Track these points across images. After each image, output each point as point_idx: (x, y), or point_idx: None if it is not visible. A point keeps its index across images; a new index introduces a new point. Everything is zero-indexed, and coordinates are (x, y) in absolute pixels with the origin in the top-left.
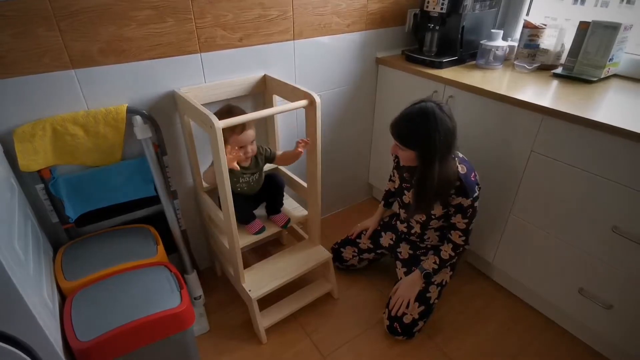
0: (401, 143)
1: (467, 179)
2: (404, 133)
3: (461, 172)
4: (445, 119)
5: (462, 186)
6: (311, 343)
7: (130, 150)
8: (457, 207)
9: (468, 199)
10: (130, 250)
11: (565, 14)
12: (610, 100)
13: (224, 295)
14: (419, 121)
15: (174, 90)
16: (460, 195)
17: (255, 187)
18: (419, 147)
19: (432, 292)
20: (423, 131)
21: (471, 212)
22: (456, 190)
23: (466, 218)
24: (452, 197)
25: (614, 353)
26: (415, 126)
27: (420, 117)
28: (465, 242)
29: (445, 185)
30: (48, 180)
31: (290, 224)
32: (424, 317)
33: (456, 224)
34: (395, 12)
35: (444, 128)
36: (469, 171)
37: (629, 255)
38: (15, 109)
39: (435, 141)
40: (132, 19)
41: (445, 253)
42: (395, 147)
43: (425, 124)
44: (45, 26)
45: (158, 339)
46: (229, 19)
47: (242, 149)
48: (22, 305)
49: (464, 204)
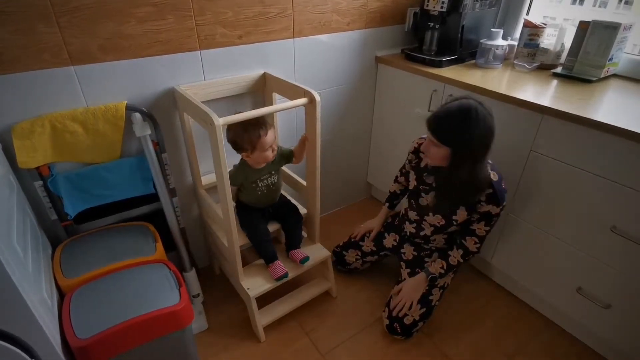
0: (437, 138)
1: (499, 186)
2: (442, 128)
3: (494, 179)
4: (487, 116)
5: (494, 194)
6: (309, 341)
7: (130, 147)
8: (483, 215)
9: (498, 207)
10: (129, 248)
11: (564, 13)
12: (610, 100)
13: (223, 293)
14: (459, 116)
15: (173, 87)
16: (491, 203)
17: (275, 193)
18: (455, 144)
19: (435, 294)
20: (463, 127)
21: (495, 220)
22: (487, 198)
23: (489, 226)
24: (481, 204)
25: (612, 352)
26: (455, 121)
27: (460, 113)
28: (478, 250)
29: (474, 190)
30: (47, 177)
31: (309, 261)
32: (424, 319)
33: (476, 230)
34: (395, 10)
35: (485, 126)
36: (500, 178)
37: (627, 255)
38: (14, 106)
39: (473, 139)
40: (132, 16)
41: (454, 259)
42: (429, 144)
43: (466, 120)
44: (44, 22)
45: (157, 337)
46: (229, 16)
47: (270, 149)
48: (20, 303)
49: (492, 212)
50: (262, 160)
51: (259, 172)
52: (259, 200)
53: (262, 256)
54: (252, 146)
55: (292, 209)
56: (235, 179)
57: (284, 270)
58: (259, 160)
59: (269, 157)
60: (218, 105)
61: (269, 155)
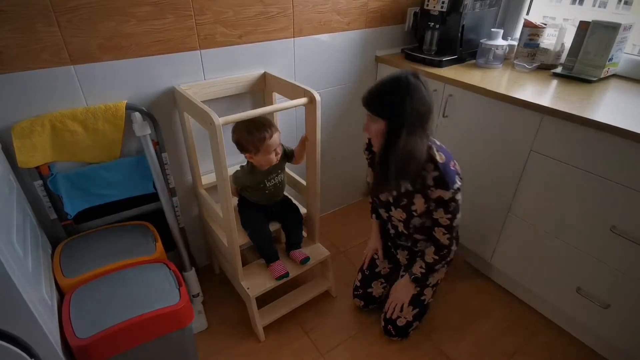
0: (371, 111)
1: (446, 167)
2: (374, 100)
3: (439, 160)
4: (420, 86)
5: (441, 176)
6: (309, 341)
7: (129, 147)
8: (437, 201)
9: (448, 190)
10: (129, 247)
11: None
12: (610, 100)
13: (223, 293)
14: (390, 87)
15: (173, 87)
16: (439, 187)
17: (281, 191)
18: (388, 115)
19: (427, 293)
20: (394, 97)
21: (454, 206)
22: (435, 182)
23: (449, 213)
24: (430, 189)
25: (611, 352)
26: (386, 92)
27: (392, 84)
28: (450, 242)
29: (412, 162)
30: (47, 176)
31: (309, 261)
32: (418, 318)
33: (439, 219)
34: (395, 10)
35: (417, 96)
36: (448, 160)
37: (627, 255)
38: (13, 105)
39: (405, 107)
40: (132, 15)
41: (429, 256)
42: (368, 122)
43: (396, 89)
44: (44, 21)
45: (156, 337)
46: (229, 16)
47: (274, 152)
48: (20, 303)
49: (444, 196)
50: (266, 163)
51: (268, 173)
52: (266, 198)
53: (264, 256)
54: (256, 148)
55: (293, 208)
56: (242, 181)
57: (285, 269)
58: (262, 162)
59: (272, 161)
60: (218, 105)
61: (273, 159)
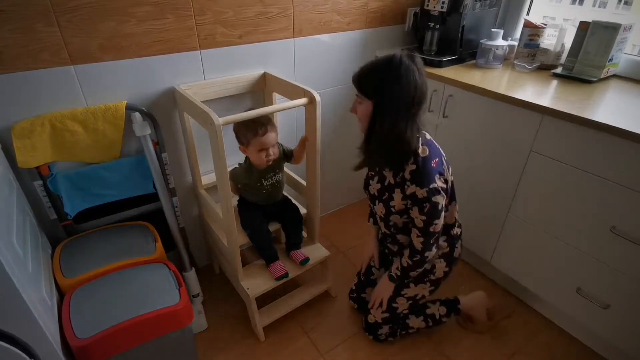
0: (359, 90)
1: (425, 162)
2: (364, 78)
3: (421, 154)
4: (413, 68)
5: (418, 171)
6: (309, 341)
7: (129, 147)
8: (412, 198)
9: (422, 188)
10: (129, 247)
11: (564, 14)
12: (610, 100)
13: (222, 293)
14: (381, 67)
15: (173, 87)
16: (414, 182)
17: (280, 190)
18: (376, 95)
19: (400, 303)
20: (384, 76)
21: (428, 207)
22: (411, 176)
23: (423, 214)
24: (407, 184)
25: (611, 352)
26: (376, 71)
27: (383, 63)
28: (424, 248)
29: (395, 148)
30: (46, 176)
31: (309, 262)
32: (388, 324)
33: (414, 219)
34: (395, 10)
35: (409, 77)
36: (431, 155)
37: (627, 255)
38: (13, 105)
39: (394, 88)
40: (132, 15)
41: (404, 259)
42: (355, 103)
43: (387, 69)
44: (44, 21)
45: (156, 337)
46: (229, 16)
47: (264, 152)
48: (20, 303)
49: (417, 194)
50: (256, 161)
51: (264, 172)
52: (264, 198)
53: (263, 256)
54: (247, 141)
55: (293, 208)
56: (239, 178)
57: (285, 270)
58: (253, 159)
59: (262, 160)
60: (218, 105)
61: (262, 159)
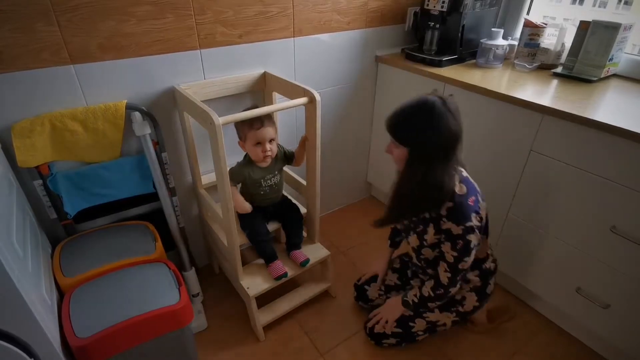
0: (393, 137)
1: (462, 201)
2: (397, 126)
3: (458, 192)
4: (447, 116)
5: (455, 208)
6: (309, 341)
7: (129, 146)
8: (446, 234)
9: (458, 225)
10: (129, 247)
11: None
12: (610, 100)
13: (222, 292)
14: (414, 113)
15: (173, 86)
16: (450, 219)
17: (278, 193)
18: (410, 144)
19: (418, 324)
20: (417, 125)
21: (461, 245)
22: (447, 212)
23: (455, 250)
24: (443, 220)
25: (611, 352)
26: (409, 119)
27: (416, 109)
28: (450, 283)
29: (429, 198)
30: (46, 176)
31: (309, 263)
32: (397, 337)
33: (445, 254)
34: (395, 10)
35: (443, 125)
36: (469, 193)
37: (627, 255)
38: (13, 105)
39: (428, 138)
40: (132, 15)
41: (426, 289)
42: (391, 145)
43: (420, 117)
44: (44, 21)
45: (156, 336)
46: (229, 15)
47: (260, 146)
48: (20, 302)
49: (453, 231)
50: (253, 156)
51: (263, 172)
52: (262, 200)
53: (262, 256)
54: (244, 135)
55: (293, 208)
56: (237, 176)
57: (284, 269)
58: (251, 154)
59: (258, 155)
60: (218, 105)
61: (258, 153)
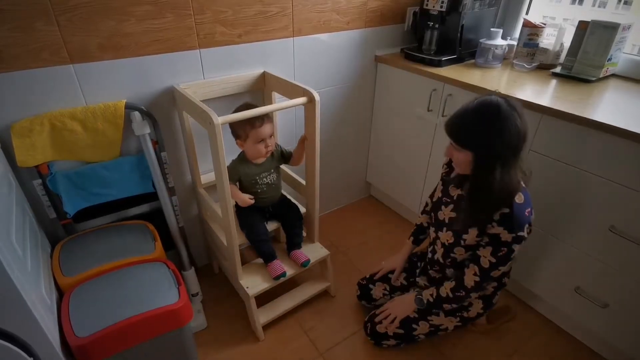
0: (456, 142)
1: (520, 209)
2: (460, 129)
3: (517, 200)
4: (514, 115)
5: (510, 215)
6: (308, 340)
7: (129, 146)
8: (492, 238)
9: (510, 233)
10: (128, 246)
11: (563, 13)
12: (609, 100)
13: (222, 292)
14: (478, 114)
15: (172, 86)
16: (502, 225)
17: (277, 192)
18: (476, 148)
19: (421, 327)
20: (484, 129)
21: (505, 252)
22: (500, 218)
23: (495, 257)
24: (492, 224)
25: (609, 351)
26: (474, 122)
27: (480, 110)
28: (474, 288)
29: (505, 196)
30: (46, 175)
31: (310, 263)
32: (398, 339)
33: (481, 257)
34: (394, 10)
35: (511, 127)
36: (525, 204)
37: (625, 255)
38: (13, 104)
39: (496, 141)
40: (131, 14)
41: (444, 290)
42: (450, 148)
43: (487, 120)
44: (43, 20)
45: (156, 336)
46: (229, 15)
47: (263, 142)
48: (19, 302)
49: (502, 236)
50: (256, 153)
51: (258, 169)
52: (261, 199)
53: (261, 255)
54: (245, 134)
55: (293, 207)
56: (232, 174)
57: (283, 269)
58: (251, 152)
59: (261, 151)
60: (217, 104)
61: (262, 150)
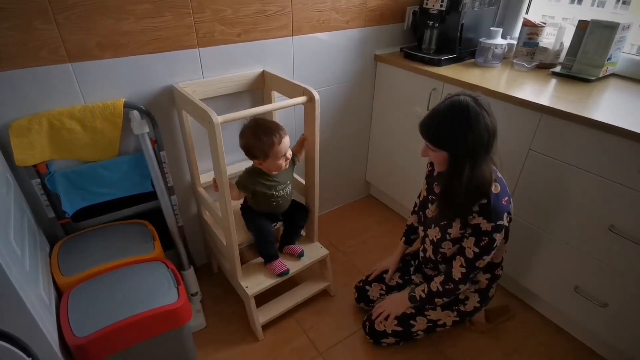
0: (429, 142)
1: (497, 199)
2: (432, 130)
3: (493, 190)
4: (482, 113)
5: (488, 205)
6: (308, 340)
7: (128, 145)
8: (473, 229)
9: (489, 222)
10: (127, 246)
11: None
12: (608, 99)
13: (221, 291)
14: (449, 116)
15: (172, 85)
16: (482, 214)
17: (288, 202)
18: (449, 147)
19: (419, 322)
20: (454, 127)
21: (486, 242)
22: (479, 209)
23: (478, 247)
24: (473, 215)
25: (608, 351)
26: (445, 123)
27: (450, 112)
28: (461, 279)
29: (477, 194)
30: (44, 175)
31: (304, 256)
32: (397, 337)
33: (465, 249)
34: (394, 9)
35: (480, 124)
36: (502, 193)
37: (625, 254)
38: (11, 103)
39: (467, 139)
40: (130, 13)
41: (435, 284)
42: (426, 148)
43: (457, 120)
44: (42, 19)
45: (155, 335)
46: (228, 13)
47: (284, 157)
48: (18, 302)
49: (482, 226)
50: (276, 169)
51: (276, 183)
52: (273, 209)
53: (264, 256)
54: (264, 154)
55: (299, 208)
56: (246, 185)
57: (286, 266)
58: (271, 168)
59: (282, 166)
60: (217, 103)
61: (282, 164)
